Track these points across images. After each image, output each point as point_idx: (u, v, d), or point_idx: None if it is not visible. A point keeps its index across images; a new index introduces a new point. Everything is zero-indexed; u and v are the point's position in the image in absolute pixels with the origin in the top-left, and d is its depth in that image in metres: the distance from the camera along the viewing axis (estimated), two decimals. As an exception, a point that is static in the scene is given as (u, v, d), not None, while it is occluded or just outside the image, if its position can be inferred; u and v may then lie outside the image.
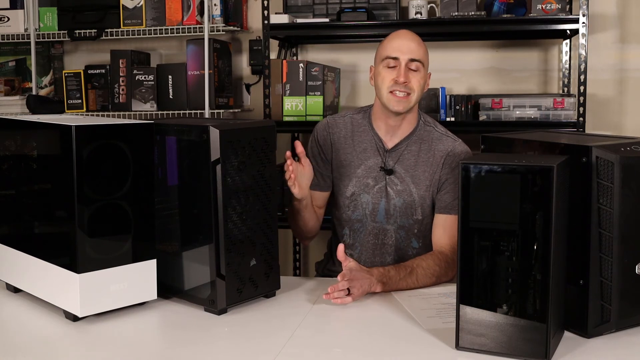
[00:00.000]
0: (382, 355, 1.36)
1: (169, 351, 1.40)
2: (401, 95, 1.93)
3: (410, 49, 1.94)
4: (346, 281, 1.64)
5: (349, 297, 1.63)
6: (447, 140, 2.01)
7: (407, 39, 1.96)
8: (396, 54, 1.93)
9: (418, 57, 1.94)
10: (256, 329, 1.49)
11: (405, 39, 1.96)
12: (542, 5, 2.79)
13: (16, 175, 1.68)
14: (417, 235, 2.02)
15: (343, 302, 1.63)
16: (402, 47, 1.94)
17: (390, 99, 1.94)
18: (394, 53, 1.94)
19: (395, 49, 1.94)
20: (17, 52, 3.62)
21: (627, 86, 3.13)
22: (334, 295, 1.62)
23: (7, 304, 1.67)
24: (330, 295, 1.62)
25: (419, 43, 1.97)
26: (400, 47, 1.94)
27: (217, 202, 1.52)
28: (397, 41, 1.96)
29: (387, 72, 1.94)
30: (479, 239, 1.31)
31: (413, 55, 1.93)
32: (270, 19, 2.96)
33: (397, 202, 1.99)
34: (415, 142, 2.01)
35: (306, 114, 3.01)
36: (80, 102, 3.30)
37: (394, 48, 1.94)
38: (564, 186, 1.34)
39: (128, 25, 3.20)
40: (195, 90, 3.16)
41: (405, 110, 1.95)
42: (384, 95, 1.95)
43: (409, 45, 1.94)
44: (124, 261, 1.53)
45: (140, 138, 1.55)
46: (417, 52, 1.94)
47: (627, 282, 1.39)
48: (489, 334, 1.31)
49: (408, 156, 2.00)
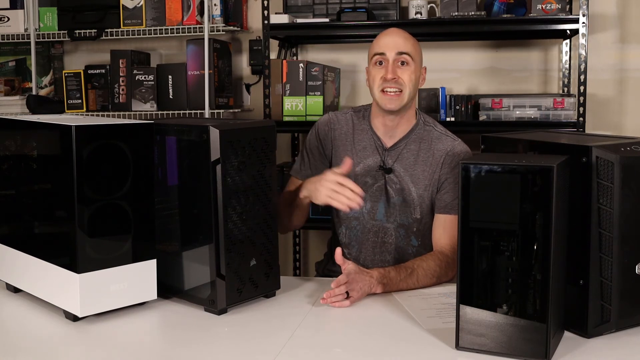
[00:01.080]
0: (382, 355, 1.36)
1: (169, 351, 1.40)
2: (392, 92, 1.92)
3: (397, 43, 1.94)
4: (343, 285, 1.64)
5: (347, 301, 1.63)
6: (446, 140, 2.01)
7: (393, 35, 1.98)
8: (383, 50, 1.94)
9: (405, 49, 1.94)
10: (256, 329, 1.49)
11: (392, 35, 1.98)
12: (542, 5, 2.79)
13: (16, 175, 1.68)
14: (416, 234, 2.02)
15: (341, 306, 1.63)
16: (388, 42, 1.95)
17: (383, 97, 1.93)
18: (381, 49, 1.95)
19: (381, 46, 1.95)
20: (17, 52, 3.62)
21: (627, 86, 3.13)
22: (331, 300, 1.62)
23: (7, 304, 1.67)
24: (326, 300, 1.62)
25: (406, 37, 1.97)
26: (386, 43, 1.95)
27: (217, 202, 1.52)
28: (383, 38, 1.98)
29: (376, 71, 1.95)
30: (479, 239, 1.31)
31: (399, 48, 1.93)
32: (270, 19, 2.96)
33: (397, 201, 1.99)
34: (414, 141, 2.00)
35: (306, 114, 3.01)
36: (80, 102, 3.30)
37: (380, 45, 1.96)
38: (564, 186, 1.34)
39: (128, 25, 3.20)
40: (195, 90, 3.16)
41: (398, 108, 1.94)
42: (377, 95, 1.95)
43: (395, 40, 1.95)
44: (124, 261, 1.53)
45: (140, 138, 1.55)
46: (404, 46, 1.94)
47: (627, 282, 1.39)
48: (489, 334, 1.31)
49: (407, 155, 2.00)
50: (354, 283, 1.65)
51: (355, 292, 1.64)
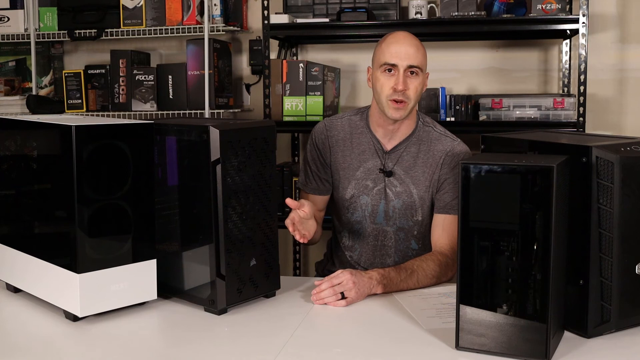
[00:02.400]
0: (382, 355, 1.36)
1: (169, 351, 1.40)
2: (399, 102, 1.90)
3: (409, 55, 1.89)
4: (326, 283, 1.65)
5: (342, 301, 1.63)
6: (446, 140, 2.00)
7: (405, 45, 1.91)
8: (394, 61, 1.89)
9: (416, 63, 1.90)
10: (256, 329, 1.49)
11: (404, 45, 1.91)
12: (542, 5, 2.79)
13: (16, 175, 1.68)
14: (416, 237, 2.02)
15: (335, 306, 1.63)
16: (400, 53, 1.89)
17: (390, 106, 1.91)
18: (392, 60, 1.89)
19: (393, 56, 1.90)
20: (17, 52, 3.62)
21: (627, 86, 3.13)
22: (318, 297, 1.64)
23: (7, 304, 1.67)
24: (314, 297, 1.64)
25: (417, 47, 1.92)
26: (398, 54, 1.89)
27: (217, 202, 1.52)
28: (395, 47, 1.91)
29: (385, 79, 1.91)
30: (479, 239, 1.31)
31: (411, 61, 1.89)
32: (270, 19, 2.96)
33: (396, 204, 1.99)
34: (414, 144, 2.00)
35: (306, 114, 3.01)
36: (80, 102, 3.30)
37: (392, 54, 1.90)
38: (564, 186, 1.34)
39: (128, 25, 3.20)
40: (195, 90, 3.16)
41: (403, 117, 1.93)
42: (383, 102, 1.92)
43: (408, 51, 1.90)
44: (124, 261, 1.53)
45: (140, 138, 1.55)
46: (416, 58, 1.90)
47: (627, 282, 1.39)
48: (489, 334, 1.31)
49: (407, 157, 1.99)
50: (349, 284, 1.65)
51: (353, 293, 1.64)
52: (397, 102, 1.90)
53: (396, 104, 1.90)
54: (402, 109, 1.91)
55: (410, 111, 1.94)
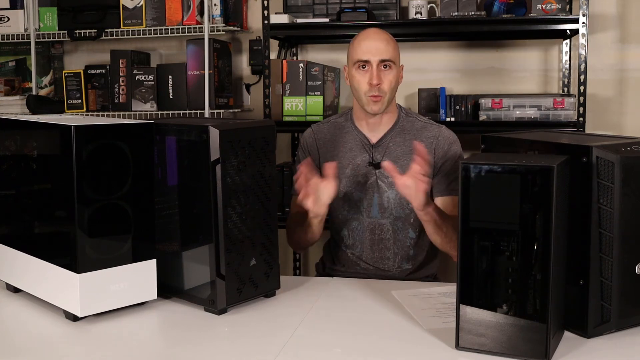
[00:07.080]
0: (382, 355, 1.36)
1: (169, 351, 1.40)
2: (375, 96, 1.98)
3: (380, 50, 1.98)
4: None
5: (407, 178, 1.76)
6: (432, 127, 2.08)
7: (375, 40, 2.00)
8: (367, 57, 1.98)
9: (388, 56, 1.99)
10: (256, 329, 1.49)
11: (374, 40, 2.00)
12: (542, 5, 2.79)
13: (16, 175, 1.68)
14: (413, 225, 2.04)
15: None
16: (371, 49, 1.98)
17: (368, 101, 2.00)
18: (365, 56, 1.98)
19: (365, 52, 1.99)
20: (17, 52, 3.62)
21: (627, 86, 3.13)
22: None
23: (7, 304, 1.67)
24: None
25: (387, 41, 2.00)
26: (369, 50, 1.98)
27: (217, 202, 1.52)
28: (366, 43, 2.00)
29: (360, 76, 2.00)
30: (479, 239, 1.31)
31: (383, 55, 1.98)
32: (270, 19, 2.96)
33: (390, 194, 2.02)
34: (398, 134, 2.06)
35: (306, 114, 3.01)
36: (80, 102, 3.30)
37: (364, 51, 1.99)
38: (564, 186, 1.33)
39: (128, 25, 3.20)
40: (195, 90, 3.16)
41: (382, 110, 2.01)
42: (362, 99, 2.01)
43: (378, 46, 1.98)
44: (124, 261, 1.53)
45: (140, 138, 1.55)
46: (387, 52, 1.98)
47: (627, 282, 1.39)
48: (489, 334, 1.31)
49: (394, 147, 2.04)
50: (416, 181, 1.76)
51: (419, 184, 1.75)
52: (373, 96, 1.98)
53: (372, 98, 1.98)
54: (379, 102, 1.99)
55: (388, 103, 2.01)
